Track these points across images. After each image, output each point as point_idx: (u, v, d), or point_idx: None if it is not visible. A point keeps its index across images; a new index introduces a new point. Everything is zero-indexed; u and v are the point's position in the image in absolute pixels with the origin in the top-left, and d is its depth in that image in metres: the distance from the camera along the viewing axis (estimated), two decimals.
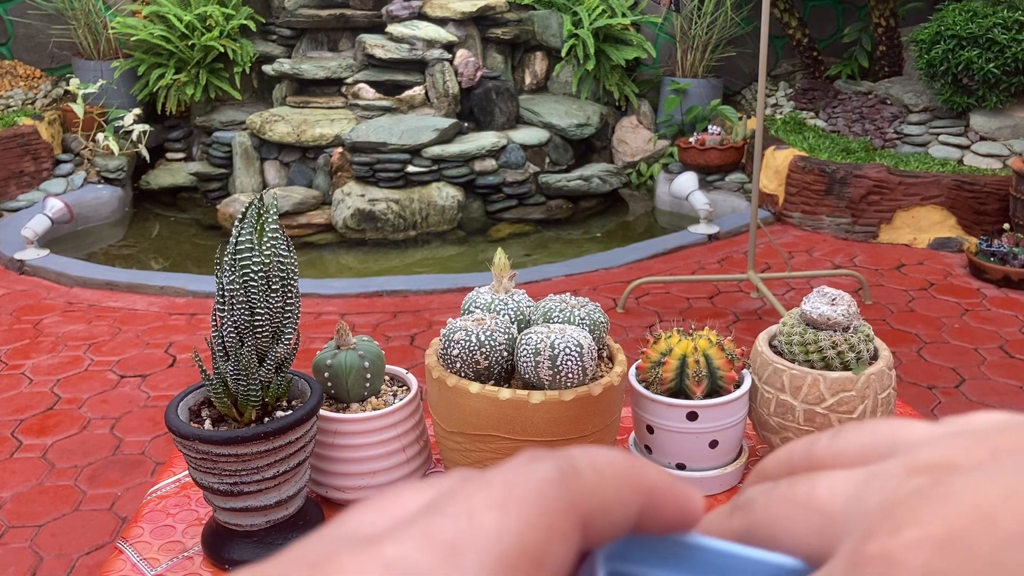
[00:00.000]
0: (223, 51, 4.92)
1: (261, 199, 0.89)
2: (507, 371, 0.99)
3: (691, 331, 1.05)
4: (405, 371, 1.09)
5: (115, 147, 4.61)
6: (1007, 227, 3.75)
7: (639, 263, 3.88)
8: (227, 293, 0.89)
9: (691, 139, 4.74)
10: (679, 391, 1.02)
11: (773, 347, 1.08)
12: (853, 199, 4.11)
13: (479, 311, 1.01)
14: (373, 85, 4.91)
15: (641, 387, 1.03)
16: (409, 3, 5.05)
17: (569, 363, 0.92)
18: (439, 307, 3.44)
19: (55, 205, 4.24)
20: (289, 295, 0.91)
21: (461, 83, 4.92)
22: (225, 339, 0.90)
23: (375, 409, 1.01)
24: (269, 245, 0.88)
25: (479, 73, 4.97)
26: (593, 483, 0.20)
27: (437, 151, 4.54)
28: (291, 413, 0.90)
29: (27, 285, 3.71)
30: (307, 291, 3.49)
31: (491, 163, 4.66)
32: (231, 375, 0.90)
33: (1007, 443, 0.19)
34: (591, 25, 5.10)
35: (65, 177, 4.72)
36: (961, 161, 4.25)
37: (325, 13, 5.11)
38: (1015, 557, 0.16)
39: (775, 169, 4.37)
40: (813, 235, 4.20)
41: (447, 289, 3.58)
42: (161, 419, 2.64)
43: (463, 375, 0.96)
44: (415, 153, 4.54)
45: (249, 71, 5.07)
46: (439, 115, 4.85)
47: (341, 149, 4.61)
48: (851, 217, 4.13)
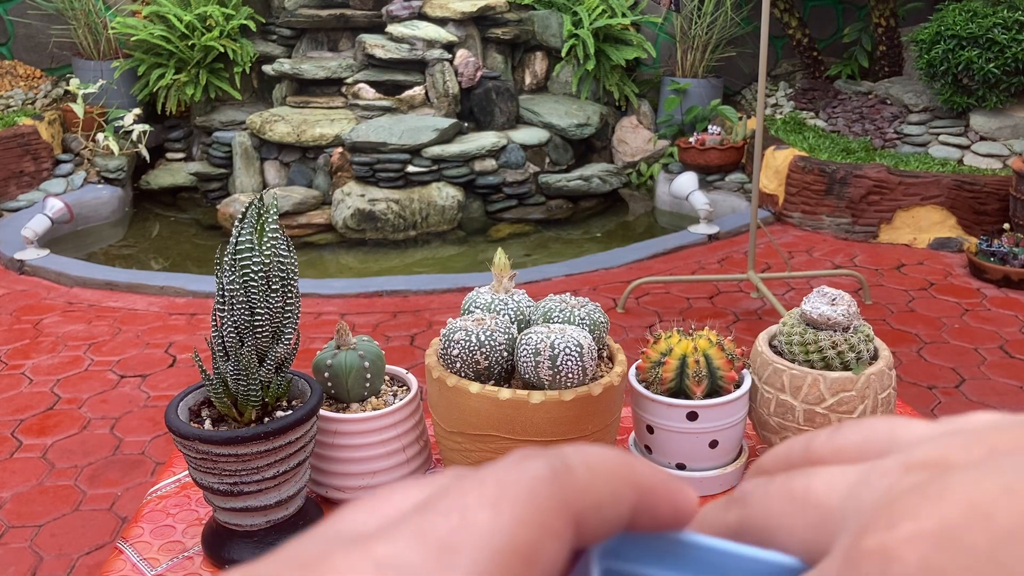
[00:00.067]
0: (223, 51, 4.92)
1: (261, 199, 0.89)
2: (507, 371, 0.99)
3: (691, 331, 1.05)
4: (405, 371, 1.09)
5: (115, 147, 4.61)
6: (1007, 227, 3.75)
7: (639, 263, 3.88)
8: (227, 293, 0.89)
9: (691, 139, 4.74)
10: (679, 391, 1.02)
11: (773, 347, 1.08)
12: (853, 199, 4.11)
13: (479, 311, 1.02)
14: (373, 85, 4.91)
15: (641, 387, 1.03)
16: (409, 3, 5.05)
17: (569, 363, 0.92)
18: (439, 307, 3.44)
19: (55, 205, 4.24)
20: (289, 295, 0.92)
21: (461, 83, 4.92)
22: (225, 339, 0.90)
23: (375, 409, 1.01)
24: (269, 245, 0.88)
25: (479, 73, 4.97)
26: (586, 481, 0.20)
27: (437, 151, 4.54)
28: (291, 413, 0.90)
29: (27, 285, 3.71)
30: (307, 291, 3.49)
31: (491, 163, 4.66)
32: (231, 375, 0.90)
33: (1004, 442, 0.19)
34: (591, 25, 5.10)
35: (65, 177, 4.73)
36: (961, 161, 4.25)
37: (325, 13, 5.11)
38: (1011, 552, 0.16)
39: (775, 169, 4.37)
40: (813, 235, 4.20)
41: (447, 289, 3.58)
42: (161, 419, 2.64)
43: (463, 375, 0.96)
44: (415, 153, 4.54)
45: (249, 71, 5.07)
46: (439, 115, 4.85)
47: (341, 149, 4.61)
48: (851, 217, 4.13)
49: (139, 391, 2.84)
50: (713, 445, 1.02)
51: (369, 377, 1.01)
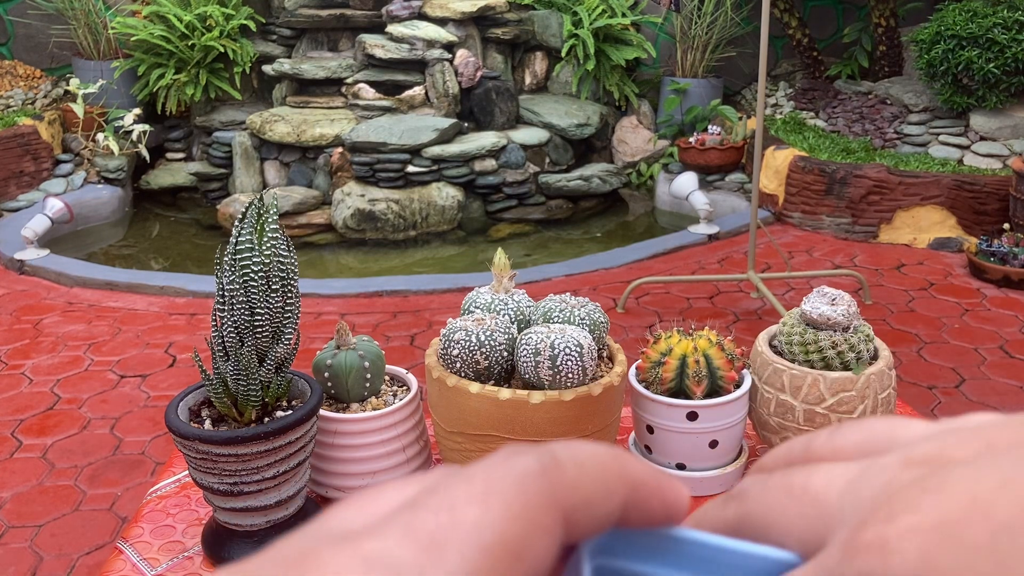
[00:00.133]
0: (223, 51, 4.92)
1: (261, 199, 0.89)
2: (507, 371, 0.99)
3: (691, 331, 1.05)
4: (405, 371, 1.09)
5: (115, 147, 4.61)
6: (1007, 227, 3.75)
7: (639, 263, 3.88)
8: (227, 293, 0.89)
9: (691, 139, 4.74)
10: (679, 391, 1.02)
11: (773, 347, 1.08)
12: (853, 199, 4.11)
13: (479, 311, 1.02)
14: (373, 85, 4.91)
15: (641, 387, 1.03)
16: (409, 3, 5.05)
17: (569, 363, 0.92)
18: (439, 307, 3.44)
19: (55, 205, 4.24)
20: (289, 295, 0.92)
21: (461, 83, 4.92)
22: (225, 339, 0.90)
23: (375, 409, 1.01)
24: (269, 245, 0.88)
25: (479, 73, 4.97)
26: (575, 476, 0.20)
27: (437, 151, 4.54)
28: (291, 413, 0.90)
29: (27, 285, 3.71)
30: (307, 291, 3.49)
31: (491, 163, 4.66)
32: (231, 375, 0.90)
33: (1002, 437, 0.19)
34: (591, 25, 5.10)
35: (65, 177, 4.73)
36: (961, 161, 4.25)
37: (325, 13, 5.11)
38: (1009, 544, 0.16)
39: (775, 169, 4.37)
40: (813, 235, 4.20)
41: (447, 289, 3.58)
42: (161, 419, 2.64)
43: (463, 375, 0.96)
44: (415, 153, 4.54)
45: (249, 71, 5.07)
46: (439, 115, 4.85)
47: (341, 149, 4.61)
48: (851, 217, 4.13)
49: (139, 391, 2.84)
50: (713, 445, 1.02)
51: (369, 377, 1.01)
